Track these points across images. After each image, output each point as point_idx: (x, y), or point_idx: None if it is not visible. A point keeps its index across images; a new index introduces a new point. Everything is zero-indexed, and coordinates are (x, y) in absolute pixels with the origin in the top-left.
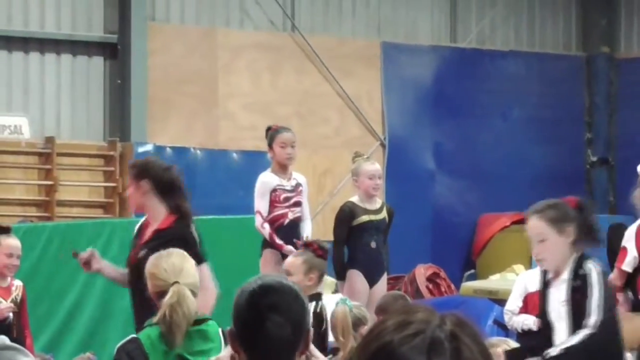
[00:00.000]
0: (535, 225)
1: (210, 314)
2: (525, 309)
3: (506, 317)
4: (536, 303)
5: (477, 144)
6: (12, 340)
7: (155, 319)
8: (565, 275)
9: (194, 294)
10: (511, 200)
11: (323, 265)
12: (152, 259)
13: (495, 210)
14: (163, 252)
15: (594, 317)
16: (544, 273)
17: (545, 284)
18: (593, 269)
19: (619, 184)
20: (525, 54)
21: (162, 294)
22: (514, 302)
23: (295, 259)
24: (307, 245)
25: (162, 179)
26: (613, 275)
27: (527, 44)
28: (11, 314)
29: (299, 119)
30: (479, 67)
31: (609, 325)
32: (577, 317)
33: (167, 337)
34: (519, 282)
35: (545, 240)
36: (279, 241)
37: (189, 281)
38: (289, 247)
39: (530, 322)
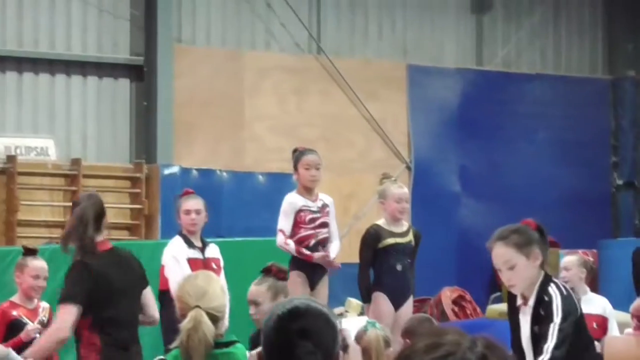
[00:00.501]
0: (502, 252)
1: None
2: None
3: None
4: None
5: (503, 167)
6: None
7: (176, 343)
8: (532, 301)
9: (217, 318)
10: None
11: (287, 288)
12: (180, 282)
13: None
14: (191, 275)
15: (549, 342)
16: (512, 298)
17: (516, 310)
18: (555, 294)
19: None
20: (551, 77)
21: (185, 317)
22: None
23: (259, 287)
24: (267, 270)
25: (81, 211)
26: (638, 302)
27: (553, 67)
28: (38, 335)
29: (325, 141)
30: (504, 90)
31: (569, 346)
32: (538, 353)
33: None
34: None
35: (514, 266)
36: (306, 252)
37: (212, 305)
38: (319, 254)
39: None
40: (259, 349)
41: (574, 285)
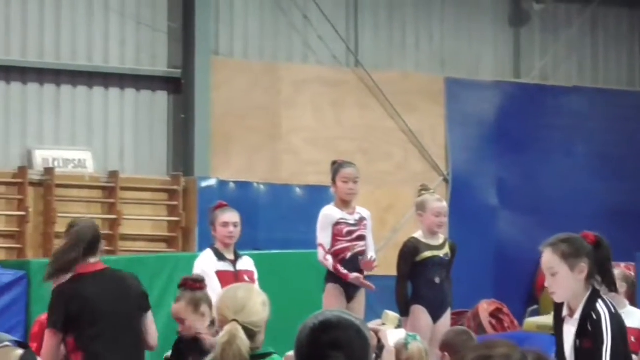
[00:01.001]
0: (548, 258)
1: None
2: None
3: None
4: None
5: (541, 180)
6: None
7: (211, 356)
8: (578, 314)
9: (254, 332)
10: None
11: (206, 296)
12: (221, 293)
13: None
14: (233, 286)
15: None
16: (559, 308)
17: (561, 320)
18: (603, 312)
19: None
20: (589, 89)
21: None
22: None
23: (178, 305)
24: (182, 285)
25: (78, 233)
26: None
27: (591, 80)
28: None
29: (362, 154)
30: (542, 103)
31: None
32: None
33: None
34: None
35: (556, 274)
36: (343, 271)
37: (250, 320)
38: (354, 275)
39: None
40: (291, 352)
41: (615, 299)
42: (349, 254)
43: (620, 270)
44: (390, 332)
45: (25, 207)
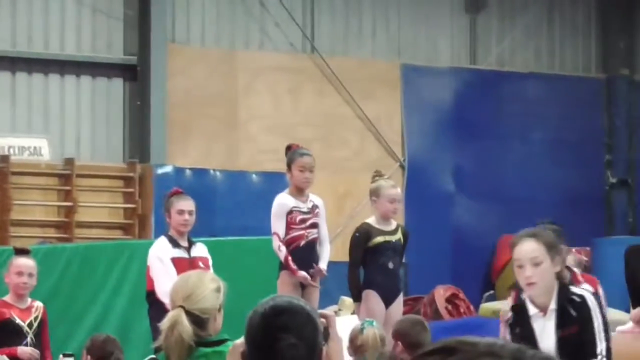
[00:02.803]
0: (533, 247)
1: None
2: None
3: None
4: None
5: (497, 166)
6: None
7: (157, 342)
8: (553, 306)
9: (202, 319)
10: (531, 222)
11: None
12: (176, 280)
13: (515, 231)
14: (187, 273)
15: (601, 345)
16: (520, 310)
17: (526, 321)
18: (586, 294)
19: (639, 206)
20: (545, 76)
21: None
22: None
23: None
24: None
25: None
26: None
27: (547, 66)
28: (29, 336)
29: (319, 141)
30: (498, 89)
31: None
32: (566, 354)
33: None
34: None
35: (540, 263)
36: (293, 266)
37: (197, 306)
38: (302, 274)
39: None
40: (242, 339)
41: None
42: (302, 242)
43: (572, 255)
44: (346, 318)
45: None
